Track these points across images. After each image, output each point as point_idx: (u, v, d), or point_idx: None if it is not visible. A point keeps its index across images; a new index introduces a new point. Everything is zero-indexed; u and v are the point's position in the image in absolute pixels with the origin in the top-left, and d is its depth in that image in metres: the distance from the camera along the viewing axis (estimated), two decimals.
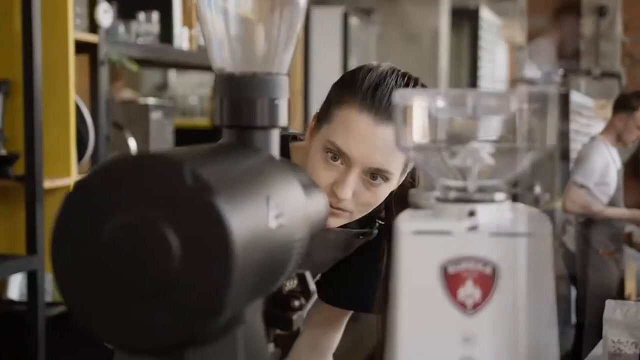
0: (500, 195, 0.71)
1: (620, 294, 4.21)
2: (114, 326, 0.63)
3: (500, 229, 0.68)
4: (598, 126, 8.62)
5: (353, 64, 5.71)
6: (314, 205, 0.85)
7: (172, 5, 3.05)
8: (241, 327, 0.70)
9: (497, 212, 0.70)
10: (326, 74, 4.43)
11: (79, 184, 0.63)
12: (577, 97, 7.39)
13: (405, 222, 0.70)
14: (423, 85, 1.28)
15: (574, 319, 4.76)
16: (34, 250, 2.31)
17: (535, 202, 4.92)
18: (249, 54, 0.83)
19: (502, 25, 8.51)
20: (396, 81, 1.24)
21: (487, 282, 0.68)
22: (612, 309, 2.05)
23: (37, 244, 2.31)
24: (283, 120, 0.83)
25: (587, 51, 9.28)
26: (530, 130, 0.71)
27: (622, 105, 4.29)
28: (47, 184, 2.39)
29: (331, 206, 1.24)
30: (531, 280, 0.68)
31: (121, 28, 2.90)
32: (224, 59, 0.83)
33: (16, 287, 2.62)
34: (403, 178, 1.33)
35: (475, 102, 0.71)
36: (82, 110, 2.53)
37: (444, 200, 0.72)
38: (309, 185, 0.86)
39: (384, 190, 1.27)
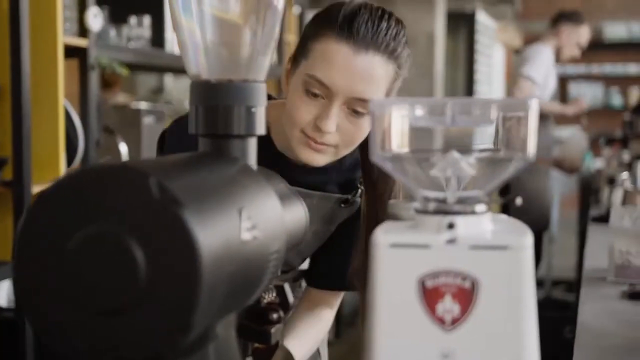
0: (481, 207, 0.69)
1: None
2: (77, 343, 0.60)
3: (479, 242, 0.66)
4: (498, 48, 8.66)
5: None
6: (292, 214, 0.83)
7: (163, 10, 3.03)
8: (213, 343, 0.67)
9: (478, 224, 0.68)
10: None
11: (41, 196, 0.61)
12: (481, 17, 7.40)
13: (383, 235, 0.68)
14: (398, 21, 1.27)
15: None
16: None
17: None
18: (225, 61, 0.81)
19: (499, 28, 8.50)
20: (371, 12, 1.23)
21: (467, 296, 0.66)
22: (620, 216, 1.93)
23: None
24: (260, 128, 0.81)
25: None
26: (511, 140, 0.69)
27: (569, 18, 4.49)
28: (36, 189, 2.36)
29: (315, 142, 1.24)
30: (512, 295, 0.66)
31: (112, 32, 2.88)
32: (199, 65, 0.81)
33: (4, 294, 2.59)
34: None
35: (455, 111, 0.68)
36: (72, 115, 2.50)
37: (423, 211, 0.70)
38: (287, 195, 0.84)
39: (368, 123, 1.25)
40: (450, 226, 0.67)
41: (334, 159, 1.29)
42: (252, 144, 0.81)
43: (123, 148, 2.83)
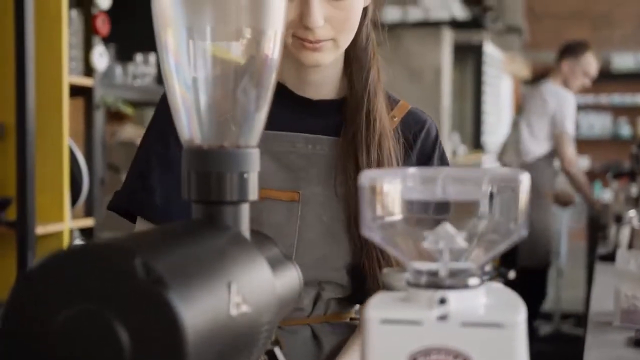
0: (473, 280, 0.68)
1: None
2: None
3: (472, 319, 0.65)
4: (506, 79, 8.67)
5: None
6: (284, 282, 0.82)
7: None
8: None
9: (470, 299, 0.67)
10: None
11: (26, 275, 0.61)
12: (489, 49, 7.40)
13: (374, 310, 0.66)
14: None
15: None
16: None
17: None
18: (218, 126, 0.80)
19: (506, 59, 8.51)
20: None
21: None
22: (625, 260, 1.89)
23: None
24: (253, 194, 0.80)
25: (491, 5, 9.31)
26: (504, 213, 0.68)
27: (570, 51, 4.58)
28: (40, 229, 2.36)
29: (310, 42, 1.17)
30: None
31: (118, 70, 2.89)
32: (192, 131, 0.81)
33: None
34: None
35: (446, 183, 0.68)
36: (76, 155, 2.51)
37: (415, 284, 0.69)
38: (279, 261, 0.83)
39: (353, 2, 1.19)
40: (442, 301, 0.66)
41: (338, 52, 1.22)
42: (245, 210, 0.80)
43: None
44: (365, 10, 1.25)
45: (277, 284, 0.77)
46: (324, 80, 1.29)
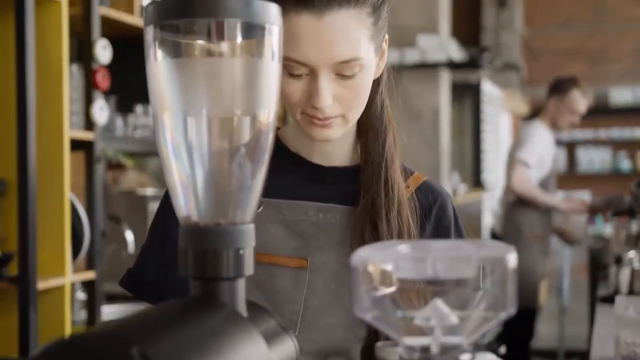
0: (465, 356, 0.70)
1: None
2: None
3: None
4: (505, 116, 8.69)
5: None
6: (281, 355, 0.83)
7: None
8: None
9: None
10: None
11: None
12: (487, 87, 7.44)
13: None
14: None
15: None
16: (26, 354, 2.28)
17: None
18: (214, 204, 0.82)
19: (505, 96, 8.57)
20: None
21: None
22: (624, 306, 1.88)
23: (30, 348, 2.28)
24: (249, 269, 0.82)
25: (489, 42, 9.36)
26: (493, 292, 0.69)
27: (555, 89, 4.56)
28: (41, 284, 2.37)
29: (319, 119, 1.16)
30: None
31: (119, 121, 2.92)
32: (189, 208, 0.83)
33: None
34: (383, 60, 1.25)
35: (435, 262, 0.70)
36: (77, 208, 2.53)
37: None
38: (276, 334, 0.84)
39: (364, 79, 1.17)
40: None
41: (347, 127, 1.21)
42: (241, 285, 0.82)
43: (129, 236, 2.85)
44: (378, 79, 1.25)
45: (273, 359, 0.78)
46: (335, 149, 1.28)
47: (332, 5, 1.11)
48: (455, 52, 5.62)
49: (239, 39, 0.80)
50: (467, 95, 7.32)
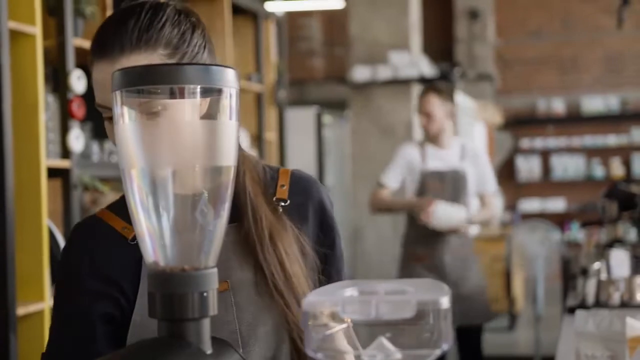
0: None
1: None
2: None
3: None
4: (479, 126, 8.81)
5: (329, 159, 5.84)
6: None
7: None
8: None
9: None
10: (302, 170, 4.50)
11: None
12: (460, 99, 7.55)
13: None
14: (150, 7, 1.20)
15: None
16: None
17: None
18: (179, 251, 0.90)
19: (479, 106, 8.69)
20: (115, 19, 1.20)
21: None
22: (584, 320, 1.95)
23: None
24: (213, 309, 0.89)
25: (461, 54, 9.51)
26: (429, 331, 0.77)
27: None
28: (21, 310, 2.43)
29: None
30: None
31: (95, 148, 2.99)
32: (156, 254, 0.90)
33: None
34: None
35: (378, 305, 0.77)
36: (55, 234, 2.59)
37: None
38: None
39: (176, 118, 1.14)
40: None
41: None
42: (206, 324, 0.89)
43: None
44: None
45: None
46: None
47: (124, 52, 1.17)
48: (427, 67, 5.72)
49: (199, 102, 0.88)
50: None
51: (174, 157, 0.88)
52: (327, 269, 1.32)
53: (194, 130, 0.88)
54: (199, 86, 0.87)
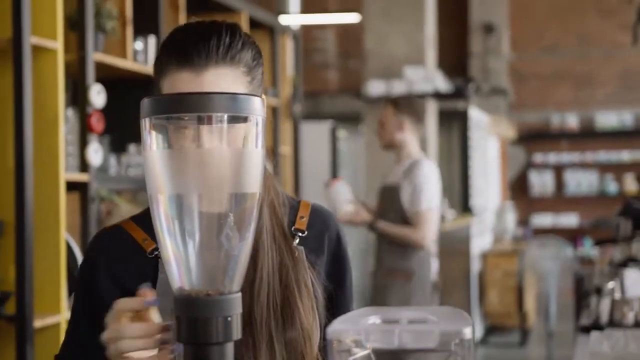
0: None
1: None
2: None
3: None
4: (492, 140, 8.78)
5: (343, 173, 5.85)
6: None
7: None
8: None
9: None
10: (317, 184, 4.51)
11: None
12: (474, 113, 7.54)
13: None
14: (228, 27, 1.22)
15: None
16: None
17: None
18: (204, 276, 0.92)
19: (492, 121, 8.69)
20: (199, 32, 1.21)
21: None
22: (599, 342, 1.95)
23: None
24: (237, 334, 0.91)
25: (476, 68, 9.49)
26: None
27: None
28: (38, 322, 2.45)
29: None
30: None
31: (112, 160, 3.01)
32: (182, 279, 0.92)
33: None
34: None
35: (401, 335, 0.79)
36: (73, 248, 2.61)
37: None
38: None
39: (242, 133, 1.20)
40: None
41: None
42: (230, 348, 0.91)
43: None
44: None
45: None
46: None
47: (209, 64, 1.18)
48: (442, 83, 5.73)
49: (225, 130, 0.89)
50: (454, 122, 7.42)
51: (201, 183, 0.90)
52: (336, 307, 1.31)
53: (220, 157, 0.90)
54: (226, 114, 0.89)
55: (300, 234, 1.30)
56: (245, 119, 0.90)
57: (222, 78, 1.19)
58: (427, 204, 3.80)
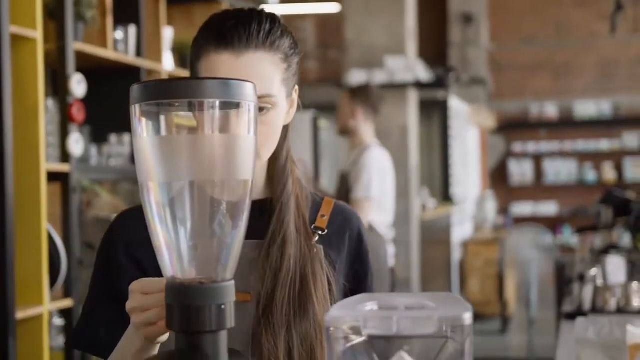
0: None
1: None
2: None
3: None
4: (472, 130, 8.82)
5: (324, 163, 5.84)
6: None
7: None
8: None
9: None
10: None
11: None
12: (454, 103, 7.59)
13: None
14: (268, 16, 1.24)
15: None
16: None
17: None
18: (196, 264, 0.90)
19: (472, 110, 8.71)
20: (239, 16, 1.23)
21: None
22: (585, 328, 1.96)
23: None
24: (230, 321, 0.90)
25: (455, 58, 9.53)
26: (451, 346, 0.78)
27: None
28: (20, 314, 2.42)
29: None
30: None
31: (93, 151, 2.98)
32: (173, 267, 0.90)
33: None
34: (293, 108, 1.31)
35: (400, 321, 0.78)
36: (54, 238, 2.58)
37: None
38: None
39: (275, 118, 1.24)
40: None
41: (259, 164, 1.26)
42: (223, 337, 0.90)
43: None
44: (285, 129, 1.31)
45: None
46: None
47: (250, 47, 1.20)
48: (422, 72, 5.73)
49: (217, 116, 0.88)
50: (434, 112, 7.44)
51: (192, 170, 0.89)
52: None
53: (212, 144, 0.89)
54: (217, 100, 0.87)
55: (320, 232, 1.30)
56: (237, 105, 0.89)
57: (261, 62, 1.21)
58: (364, 192, 3.83)
